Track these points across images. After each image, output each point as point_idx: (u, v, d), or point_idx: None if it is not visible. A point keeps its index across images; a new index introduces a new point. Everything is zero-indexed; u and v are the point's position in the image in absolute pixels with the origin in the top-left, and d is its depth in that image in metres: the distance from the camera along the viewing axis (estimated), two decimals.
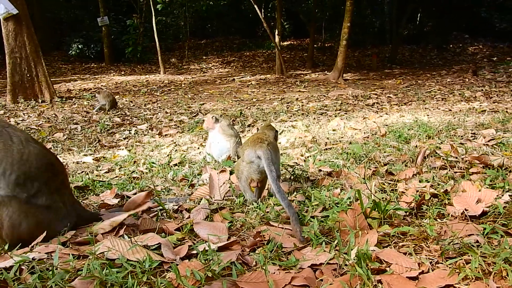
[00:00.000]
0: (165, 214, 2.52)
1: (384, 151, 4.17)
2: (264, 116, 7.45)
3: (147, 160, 4.51)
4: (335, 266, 1.77)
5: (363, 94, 9.99)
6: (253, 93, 11.40)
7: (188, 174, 3.70)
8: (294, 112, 7.84)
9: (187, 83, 14.02)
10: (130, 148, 5.33)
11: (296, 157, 4.31)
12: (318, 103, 8.81)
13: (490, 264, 1.70)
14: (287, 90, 11.68)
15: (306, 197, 2.76)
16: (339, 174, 3.34)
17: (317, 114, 7.45)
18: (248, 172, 2.63)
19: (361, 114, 7.15)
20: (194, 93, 11.58)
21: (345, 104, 8.55)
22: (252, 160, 2.60)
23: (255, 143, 2.64)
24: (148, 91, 12.01)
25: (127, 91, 12.14)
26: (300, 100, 9.47)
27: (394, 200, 2.54)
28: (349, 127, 5.95)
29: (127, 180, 3.67)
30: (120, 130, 6.71)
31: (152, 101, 10.03)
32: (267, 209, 2.53)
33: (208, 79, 15.40)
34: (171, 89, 12.63)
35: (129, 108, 9.01)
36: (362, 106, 8.18)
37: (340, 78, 13.29)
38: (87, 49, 19.78)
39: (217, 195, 2.83)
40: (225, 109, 8.62)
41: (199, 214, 2.44)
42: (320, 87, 12.14)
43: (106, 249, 1.87)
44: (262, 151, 2.55)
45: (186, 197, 2.89)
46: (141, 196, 2.64)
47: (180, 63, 20.25)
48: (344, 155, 4.09)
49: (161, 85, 13.47)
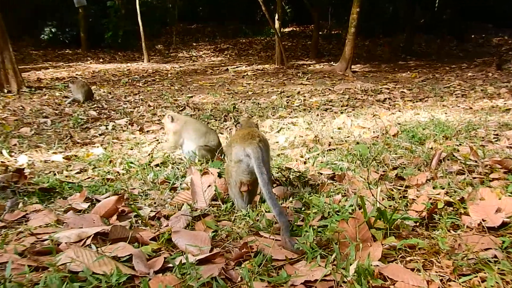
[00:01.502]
0: (140, 221, 2.49)
1: (395, 152, 4.16)
2: (261, 111, 7.43)
3: (124, 159, 4.47)
4: (332, 283, 1.74)
5: (374, 88, 10.00)
6: (248, 85, 11.37)
7: (170, 176, 3.67)
8: (295, 107, 7.83)
9: (174, 73, 13.97)
10: (106, 146, 5.29)
11: (295, 158, 4.28)
12: (322, 98, 8.80)
13: (509, 282, 1.68)
14: (287, 83, 11.66)
15: (304, 203, 2.73)
16: (342, 178, 3.31)
17: (321, 110, 7.44)
18: (236, 174, 2.59)
19: (370, 111, 7.15)
20: (182, 84, 11.54)
21: (353, 99, 8.54)
22: (241, 159, 2.55)
23: (245, 139, 2.59)
24: (129, 82, 11.95)
25: (106, 81, 12.07)
26: (302, 94, 9.46)
27: (403, 208, 2.52)
28: (356, 125, 5.95)
29: (100, 182, 3.62)
30: (96, 125, 6.67)
31: (134, 93, 9.99)
32: (258, 217, 2.50)
33: (198, 68, 15.36)
34: (155, 79, 12.57)
35: (107, 100, 8.96)
36: (372, 102, 8.18)
37: (348, 70, 13.30)
38: (61, 34, 19.69)
39: (201, 200, 2.80)
40: (216, 102, 8.59)
41: (179, 222, 2.41)
42: (325, 79, 12.13)
43: (68, 260, 1.84)
44: (252, 148, 2.50)
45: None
46: (112, 200, 2.61)
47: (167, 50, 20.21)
48: (350, 156, 4.08)
49: (145, 75, 13.41)
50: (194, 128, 4.52)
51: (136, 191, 3.30)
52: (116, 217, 2.54)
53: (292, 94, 9.47)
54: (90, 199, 3.02)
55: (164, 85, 11.40)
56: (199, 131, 4.47)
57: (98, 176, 3.90)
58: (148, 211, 2.67)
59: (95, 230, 2.23)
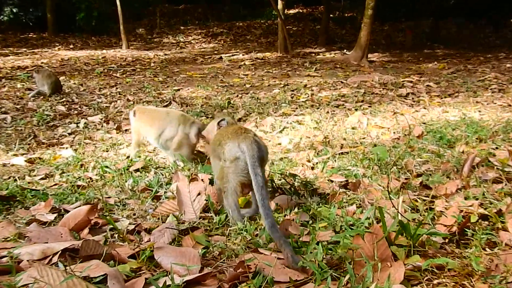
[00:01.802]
0: (117, 235, 2.48)
1: (420, 157, 4.16)
2: (261, 107, 7.44)
3: (98, 163, 4.47)
4: None
5: (394, 81, 10.02)
6: (246, 76, 11.38)
7: (153, 182, 3.66)
8: (301, 103, 7.84)
9: (157, 62, 13.98)
10: (77, 147, 5.29)
11: (301, 163, 4.28)
12: (334, 92, 8.82)
13: None
14: (292, 74, 11.68)
15: (311, 216, 2.73)
16: (357, 186, 3.31)
17: (332, 106, 7.45)
18: (235, 175, 2.62)
19: (390, 108, 7.17)
20: (167, 75, 11.54)
21: (370, 94, 8.56)
22: (238, 156, 2.60)
23: (237, 133, 2.66)
24: (104, 72, 11.94)
25: (77, 71, 12.07)
26: (310, 88, 9.48)
27: (429, 222, 2.52)
28: (373, 125, 5.96)
29: (70, 190, 3.61)
30: (65, 123, 6.66)
31: (110, 85, 9.98)
32: (257, 231, 2.50)
33: (187, 57, 15.38)
34: (136, 69, 12.58)
35: (78, 93, 8.95)
36: (392, 97, 8.20)
37: (364, 59, 13.34)
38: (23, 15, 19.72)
39: (189, 211, 2.80)
40: (208, 97, 8.61)
41: (163, 236, 2.41)
42: (337, 70, 12.14)
43: (31, 280, 1.83)
44: (247, 144, 2.57)
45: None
46: (83, 211, 2.60)
47: (150, 35, 20.25)
48: (365, 161, 4.08)
49: (123, 64, 13.41)
50: (153, 118, 4.59)
51: (112, 200, 3.29)
52: (88, 230, 2.54)
53: (297, 88, 9.48)
54: (57, 209, 3.01)
55: (146, 76, 11.40)
56: (161, 121, 4.52)
57: (67, 182, 3.89)
58: (126, 223, 2.66)
59: (63, 245, 2.23)
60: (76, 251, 2.23)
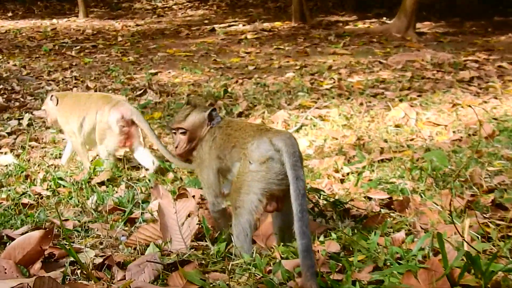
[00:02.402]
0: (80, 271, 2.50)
1: (491, 165, 4.16)
2: (269, 97, 7.45)
3: (50, 173, 4.50)
4: None
5: (453, 60, 9.99)
6: (248, 55, 11.40)
7: (123, 200, 3.68)
8: (325, 91, 7.84)
9: (127, 35, 14.02)
10: (20, 152, 5.31)
11: (326, 173, 4.30)
12: (369, 77, 8.81)
13: None
14: (311, 52, 11.68)
15: (343, 245, 2.74)
16: (405, 205, 3.32)
17: (367, 96, 7.45)
18: (263, 182, 2.66)
19: (448, 98, 7.15)
20: (141, 54, 11.57)
21: (419, 79, 8.55)
22: (271, 156, 2.66)
23: (260, 129, 2.75)
24: (55, 49, 11.99)
25: (17, 48, 12.12)
26: (336, 70, 9.47)
27: (506, 254, 2.53)
28: (425, 121, 5.96)
29: (12, 209, 3.65)
30: (2, 119, 6.70)
31: (63, 67, 10.03)
32: (270, 266, 2.52)
33: (167, 28, 15.41)
34: (97, 45, 12.62)
35: (20, 78, 8.99)
36: (450, 83, 8.18)
37: (410, 30, 13.33)
38: None
39: (177, 239, 2.82)
40: (196, 83, 8.63)
41: (143, 273, 2.43)
42: (373, 46, 12.14)
43: None
44: (282, 139, 2.63)
45: None
46: (34, 238, 2.62)
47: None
48: (415, 171, 4.08)
49: (80, 38, 13.45)
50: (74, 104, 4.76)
51: (70, 223, 3.31)
52: (40, 264, 2.56)
53: (319, 71, 9.47)
54: None
55: (112, 55, 11.43)
56: (81, 106, 4.69)
57: (8, 199, 3.92)
58: (91, 255, 2.69)
59: (8, 284, 2.25)
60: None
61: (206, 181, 2.97)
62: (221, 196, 2.96)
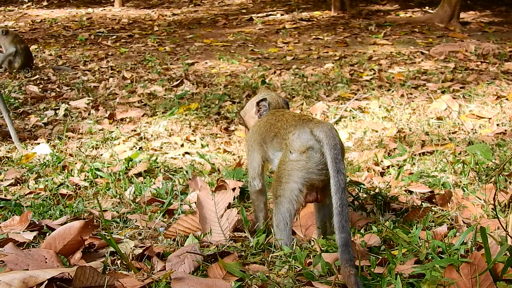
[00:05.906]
0: (120, 261, 2.55)
1: None
2: (307, 88, 7.45)
3: (87, 164, 4.57)
4: None
5: (498, 51, 9.85)
6: (286, 45, 11.40)
7: (162, 191, 3.73)
8: (365, 83, 7.81)
9: (163, 25, 14.11)
10: (56, 143, 5.40)
11: (366, 166, 4.29)
12: (411, 68, 8.75)
13: None
14: (351, 42, 11.62)
15: (384, 239, 2.76)
16: (447, 199, 3.31)
17: (409, 87, 7.40)
18: (304, 171, 2.69)
19: (492, 90, 7.07)
20: (177, 44, 11.64)
21: (462, 70, 8.46)
22: (311, 145, 2.69)
23: (305, 119, 2.78)
24: (91, 39, 12.13)
25: (53, 38, 12.29)
26: (376, 61, 9.42)
27: None
28: (468, 114, 5.91)
29: (51, 200, 3.73)
30: (39, 109, 6.80)
31: (99, 57, 10.15)
32: (310, 258, 2.53)
33: (204, 17, 15.47)
34: (133, 35, 12.74)
35: (56, 68, 9.12)
36: (494, 75, 8.08)
37: (454, 20, 13.15)
38: None
39: (216, 231, 2.85)
40: (233, 73, 8.66)
41: (183, 264, 2.46)
42: (415, 36, 12.02)
43: None
44: (324, 130, 2.65)
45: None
46: (74, 228, 2.68)
47: None
48: (458, 165, 4.07)
49: (116, 28, 13.60)
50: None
51: (109, 214, 3.38)
52: (81, 254, 2.62)
53: (359, 61, 9.44)
54: (37, 225, 3.11)
55: (148, 45, 11.53)
56: None
57: (46, 190, 4.01)
58: (131, 245, 2.74)
59: (49, 273, 2.29)
60: (66, 281, 2.31)
61: (250, 164, 3.10)
62: (259, 178, 3.04)
